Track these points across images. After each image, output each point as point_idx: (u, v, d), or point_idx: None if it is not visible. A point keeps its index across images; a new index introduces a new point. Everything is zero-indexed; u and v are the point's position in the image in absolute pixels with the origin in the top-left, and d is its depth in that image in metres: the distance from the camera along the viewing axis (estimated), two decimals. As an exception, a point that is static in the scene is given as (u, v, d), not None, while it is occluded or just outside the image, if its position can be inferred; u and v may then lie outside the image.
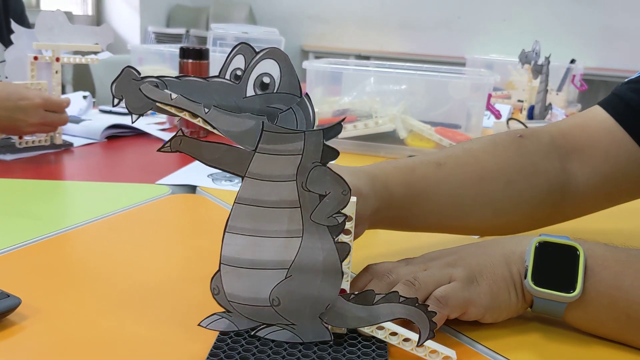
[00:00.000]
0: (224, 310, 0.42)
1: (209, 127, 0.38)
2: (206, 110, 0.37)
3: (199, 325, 0.42)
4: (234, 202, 0.39)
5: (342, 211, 0.39)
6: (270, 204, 0.39)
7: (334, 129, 0.37)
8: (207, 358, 0.40)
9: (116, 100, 0.37)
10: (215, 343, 0.42)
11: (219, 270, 0.41)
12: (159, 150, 0.40)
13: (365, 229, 0.54)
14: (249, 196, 0.39)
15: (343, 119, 0.39)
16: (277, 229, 0.40)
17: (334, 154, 0.38)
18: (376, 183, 0.53)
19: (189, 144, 0.39)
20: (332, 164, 0.40)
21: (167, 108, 0.37)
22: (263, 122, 0.37)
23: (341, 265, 0.40)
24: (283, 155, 0.38)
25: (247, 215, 0.39)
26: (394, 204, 0.55)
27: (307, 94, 0.38)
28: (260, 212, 0.39)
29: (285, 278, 0.40)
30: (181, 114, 0.38)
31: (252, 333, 0.42)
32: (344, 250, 0.40)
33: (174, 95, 0.37)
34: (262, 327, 0.42)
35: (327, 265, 0.40)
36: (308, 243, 0.40)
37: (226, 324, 0.42)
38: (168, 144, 0.39)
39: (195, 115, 0.37)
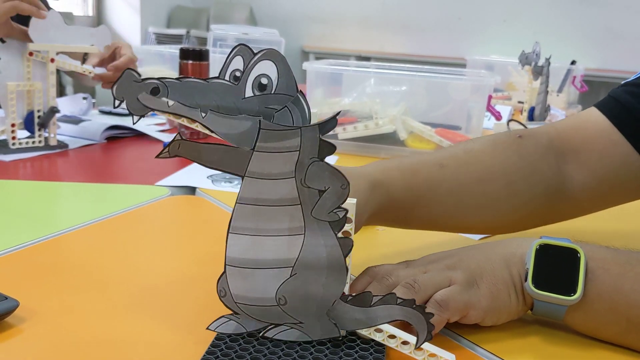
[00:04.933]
0: (231, 312, 0.42)
1: (207, 131, 0.38)
2: (203, 114, 0.37)
3: (207, 328, 0.42)
4: (236, 203, 0.39)
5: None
6: (271, 202, 0.39)
7: (329, 123, 0.37)
8: (203, 357, 0.40)
9: (117, 102, 0.37)
10: (213, 341, 0.41)
11: (224, 272, 0.41)
12: (157, 156, 0.40)
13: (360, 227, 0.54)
14: (250, 195, 0.39)
15: (338, 113, 0.39)
16: (279, 227, 0.39)
17: (331, 148, 0.38)
18: (377, 190, 0.53)
19: (187, 148, 0.39)
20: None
21: (165, 115, 0.37)
22: (260, 121, 0.37)
23: (345, 260, 0.40)
24: (281, 152, 0.38)
25: (249, 214, 0.39)
26: (394, 206, 0.55)
27: (300, 91, 0.38)
28: (262, 210, 0.39)
29: (290, 276, 0.40)
30: (179, 120, 0.38)
31: (260, 334, 0.42)
32: (347, 246, 0.40)
33: (170, 103, 0.37)
34: (270, 327, 0.42)
35: (331, 262, 0.40)
36: (311, 240, 0.39)
37: (234, 326, 0.42)
38: (166, 150, 0.39)
39: (193, 120, 0.37)
